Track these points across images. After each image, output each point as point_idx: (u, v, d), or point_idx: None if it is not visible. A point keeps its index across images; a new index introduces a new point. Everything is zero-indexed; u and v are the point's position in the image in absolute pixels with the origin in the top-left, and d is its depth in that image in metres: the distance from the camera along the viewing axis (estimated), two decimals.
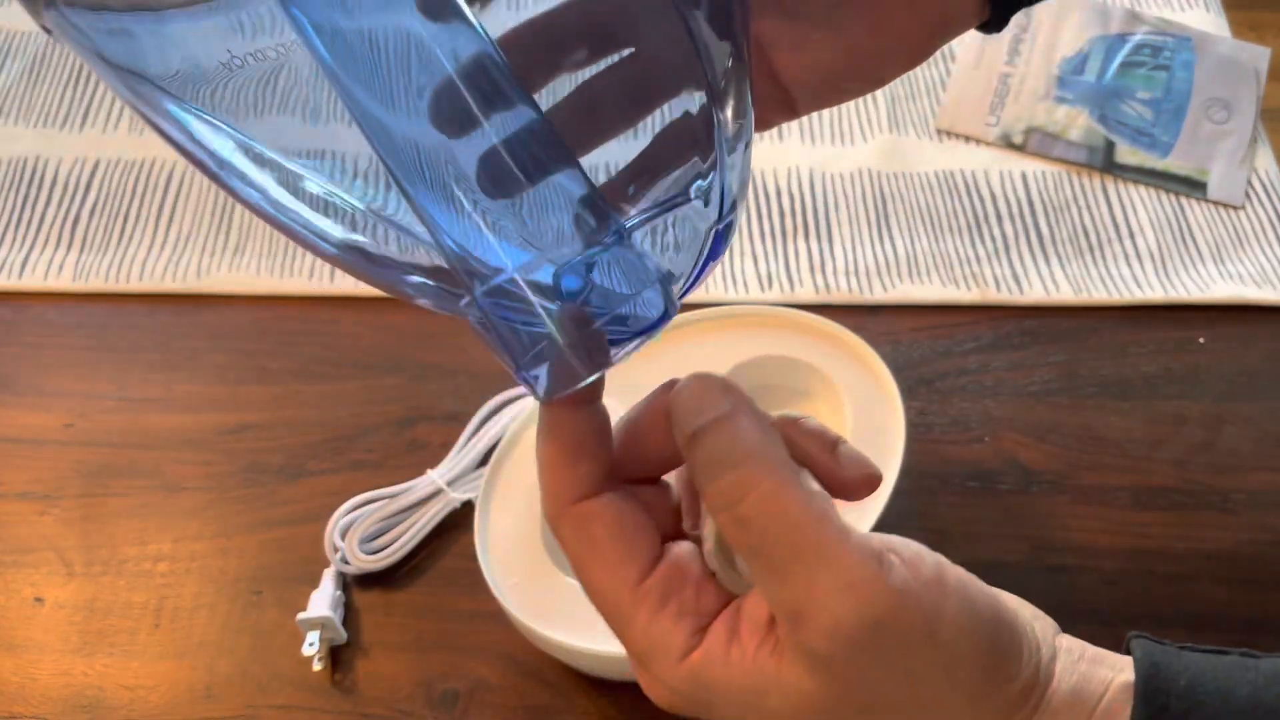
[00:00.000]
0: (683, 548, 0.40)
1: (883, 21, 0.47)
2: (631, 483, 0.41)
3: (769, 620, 0.38)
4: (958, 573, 0.38)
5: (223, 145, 0.35)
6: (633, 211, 0.37)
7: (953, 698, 0.37)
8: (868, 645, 0.35)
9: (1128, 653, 0.42)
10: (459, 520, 0.73)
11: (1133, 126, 0.93)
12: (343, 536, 0.71)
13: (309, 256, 0.86)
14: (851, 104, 0.97)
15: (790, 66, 0.47)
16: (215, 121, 0.34)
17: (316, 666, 0.67)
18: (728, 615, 0.39)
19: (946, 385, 0.79)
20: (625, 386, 0.69)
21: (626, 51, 0.40)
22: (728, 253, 0.86)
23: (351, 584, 0.71)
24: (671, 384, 0.40)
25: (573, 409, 0.39)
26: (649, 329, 0.36)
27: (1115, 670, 0.41)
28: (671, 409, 0.38)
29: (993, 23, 0.50)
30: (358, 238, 0.37)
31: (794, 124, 0.95)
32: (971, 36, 0.97)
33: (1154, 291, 0.84)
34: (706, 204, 0.37)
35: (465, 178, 0.35)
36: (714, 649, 0.38)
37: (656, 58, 0.39)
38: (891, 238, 0.88)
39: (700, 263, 0.38)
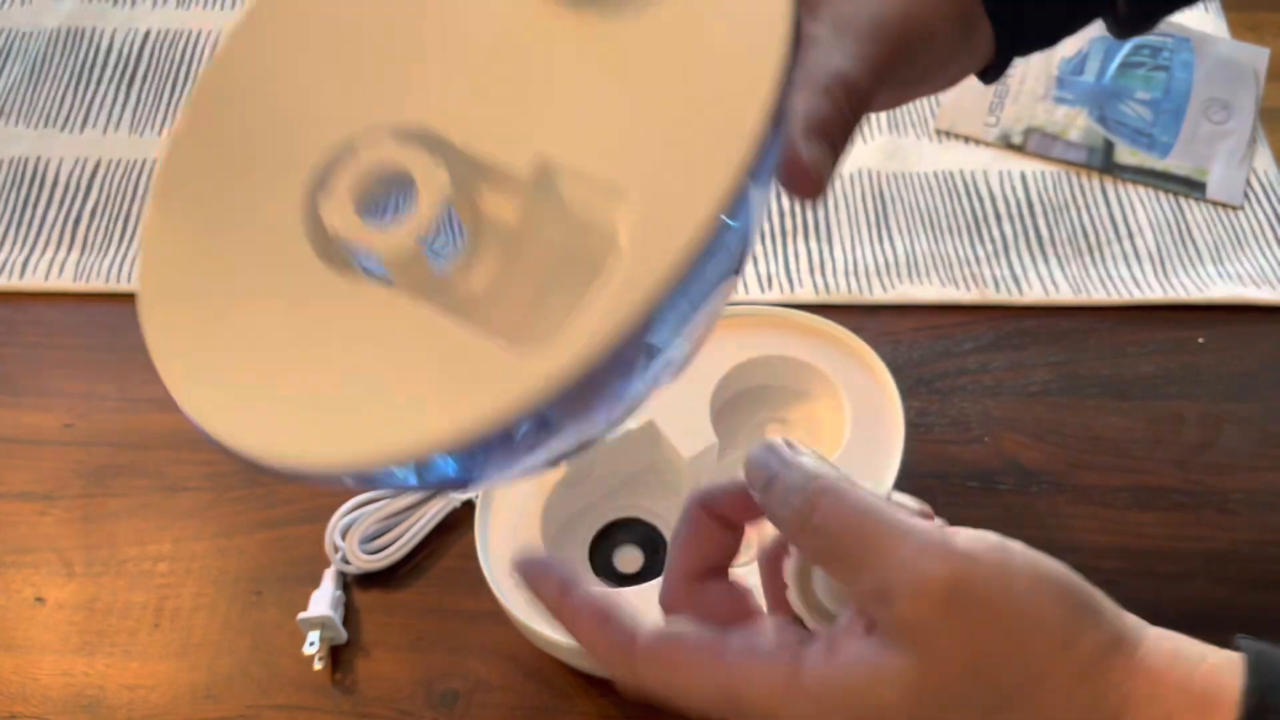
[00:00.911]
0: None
1: (907, 86, 0.52)
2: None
3: (863, 629, 0.39)
4: (1019, 543, 0.40)
5: None
6: None
7: (1046, 646, 0.38)
8: (952, 606, 0.37)
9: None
10: (459, 520, 0.73)
11: (1132, 127, 0.93)
12: (343, 536, 0.71)
13: None
14: None
15: None
16: None
17: (317, 666, 0.67)
18: (822, 639, 0.40)
19: (946, 385, 0.79)
20: None
21: None
22: None
23: (352, 584, 0.71)
24: (701, 496, 0.44)
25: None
26: None
27: (1206, 646, 0.41)
28: (745, 474, 0.42)
29: (991, 72, 0.54)
30: None
31: None
32: None
33: (1153, 292, 0.84)
34: None
35: None
36: (815, 662, 0.39)
37: None
38: (891, 238, 0.88)
39: None
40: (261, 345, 0.37)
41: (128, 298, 0.85)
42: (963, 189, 0.91)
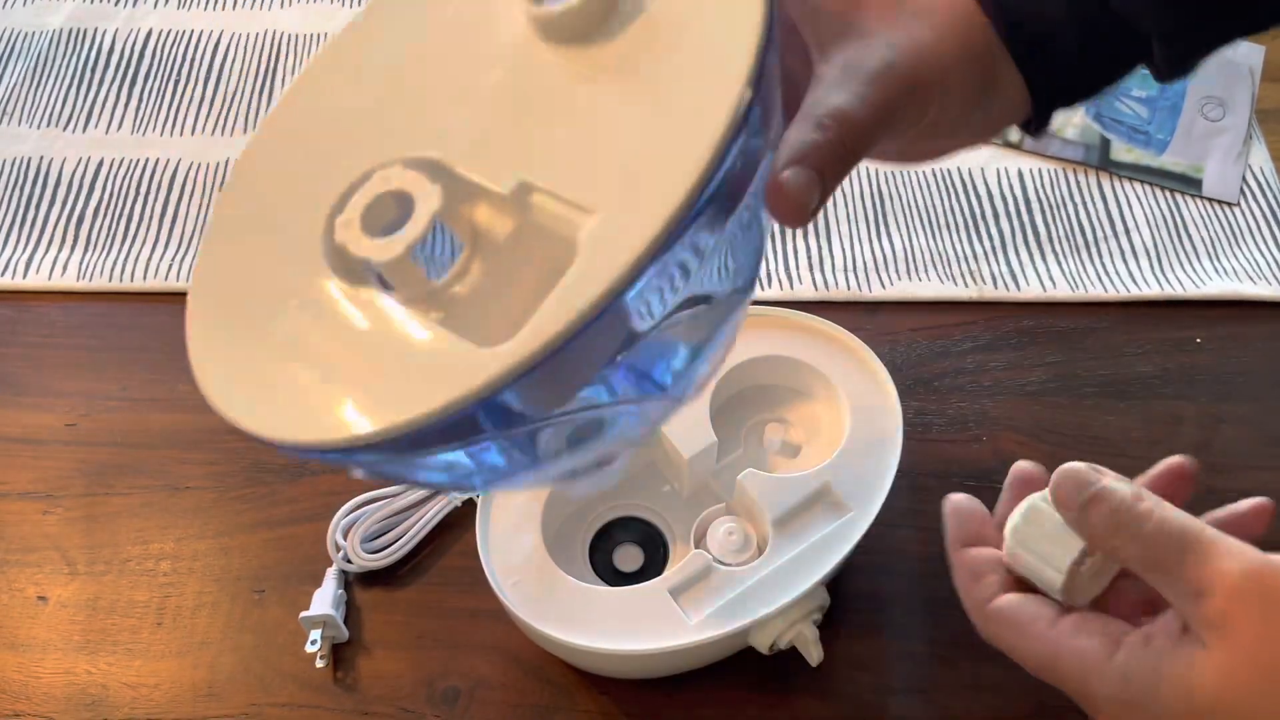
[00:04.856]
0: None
1: (930, 138, 0.53)
2: None
3: (1178, 629, 0.43)
4: None
5: None
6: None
7: None
8: (1264, 602, 0.40)
9: None
10: (460, 519, 0.73)
11: (1128, 124, 0.93)
12: (345, 535, 0.71)
13: None
14: None
15: None
16: None
17: (319, 664, 0.68)
18: (1139, 632, 0.45)
19: (944, 385, 0.79)
20: None
21: None
22: None
23: (354, 582, 0.72)
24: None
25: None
26: None
27: None
28: (1057, 492, 0.48)
29: (1032, 124, 0.55)
30: None
31: None
32: None
33: (1150, 288, 0.84)
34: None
35: None
36: (1131, 646, 0.44)
37: None
38: (889, 235, 0.88)
39: None
40: (271, 341, 0.44)
41: (131, 296, 0.85)
42: (960, 186, 0.91)
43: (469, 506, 0.73)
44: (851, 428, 0.68)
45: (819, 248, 0.87)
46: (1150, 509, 0.44)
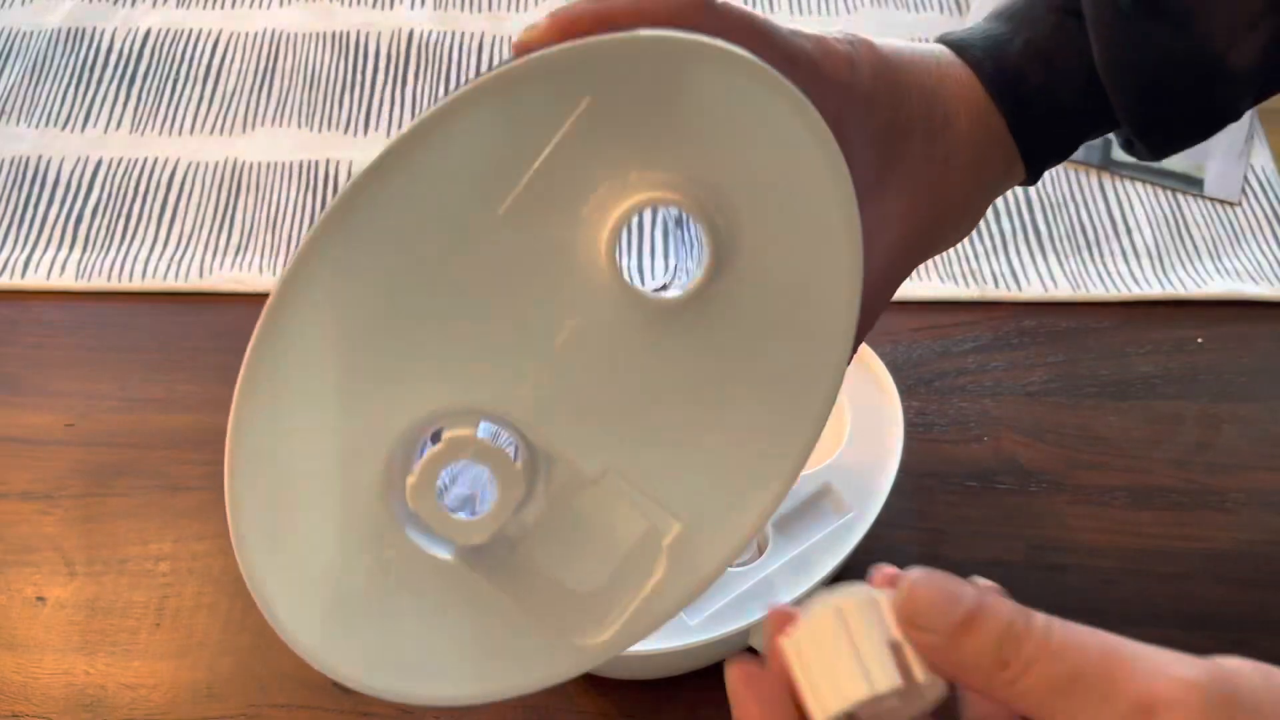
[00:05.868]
0: None
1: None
2: None
3: None
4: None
5: None
6: None
7: None
8: (1224, 709, 0.33)
9: None
10: None
11: None
12: None
13: None
14: None
15: None
16: None
17: None
18: None
19: (945, 385, 0.79)
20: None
21: None
22: None
23: None
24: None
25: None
26: None
27: None
28: (911, 613, 0.36)
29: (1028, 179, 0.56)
30: None
31: None
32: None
33: (1151, 288, 0.84)
34: None
35: None
36: None
37: None
38: None
39: None
40: (348, 596, 0.45)
41: (130, 297, 0.85)
42: None
43: None
44: (852, 428, 0.68)
45: None
46: (1049, 621, 0.35)
